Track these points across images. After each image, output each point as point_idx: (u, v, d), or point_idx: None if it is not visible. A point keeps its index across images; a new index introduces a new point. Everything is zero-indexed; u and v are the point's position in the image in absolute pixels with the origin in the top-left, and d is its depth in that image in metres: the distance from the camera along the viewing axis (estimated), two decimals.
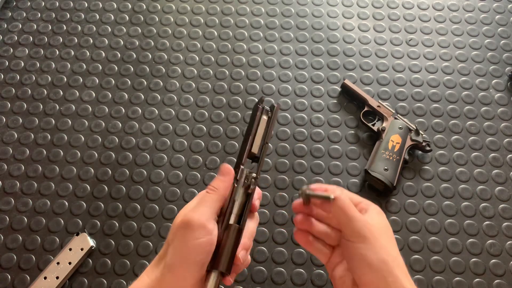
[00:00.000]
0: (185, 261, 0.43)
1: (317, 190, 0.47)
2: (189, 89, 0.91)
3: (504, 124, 0.87)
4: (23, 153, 0.85)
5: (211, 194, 0.46)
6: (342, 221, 0.45)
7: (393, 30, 0.98)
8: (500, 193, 0.81)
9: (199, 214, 0.44)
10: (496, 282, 0.73)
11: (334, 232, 0.47)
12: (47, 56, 0.95)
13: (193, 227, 0.43)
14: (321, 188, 0.48)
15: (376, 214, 0.47)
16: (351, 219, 0.44)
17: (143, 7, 1.01)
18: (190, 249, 0.43)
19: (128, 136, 0.86)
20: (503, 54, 0.94)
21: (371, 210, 0.47)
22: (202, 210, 0.44)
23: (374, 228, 0.45)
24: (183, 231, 0.43)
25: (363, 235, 0.44)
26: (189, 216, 0.44)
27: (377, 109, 0.86)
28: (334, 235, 0.47)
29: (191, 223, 0.43)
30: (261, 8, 1.01)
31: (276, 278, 0.74)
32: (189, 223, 0.43)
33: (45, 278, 0.73)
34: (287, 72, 0.93)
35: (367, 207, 0.48)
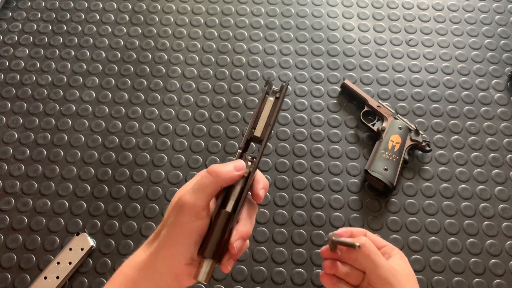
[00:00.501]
0: (176, 241, 0.44)
1: (343, 234, 0.50)
2: (189, 89, 0.91)
3: (504, 124, 0.87)
4: (23, 153, 0.85)
5: (212, 179, 0.44)
6: (367, 267, 0.47)
7: (393, 30, 0.98)
8: (500, 193, 0.81)
9: (195, 198, 0.44)
10: (495, 282, 0.73)
11: (357, 273, 0.49)
12: (47, 56, 0.95)
13: (187, 210, 0.43)
14: (347, 232, 0.50)
15: (399, 259, 0.49)
16: (376, 266, 0.46)
17: (143, 7, 1.01)
18: (182, 231, 0.43)
19: (128, 136, 0.86)
20: (502, 54, 0.95)
21: (395, 255, 0.49)
22: (198, 194, 0.44)
23: (399, 274, 0.46)
24: (176, 212, 0.44)
25: (389, 282, 0.46)
26: (185, 198, 0.44)
27: (377, 109, 0.86)
28: (357, 276, 0.49)
29: (185, 206, 0.43)
30: (261, 8, 1.01)
31: (276, 278, 0.74)
32: (183, 205, 0.43)
33: (45, 278, 0.73)
34: (287, 72, 0.93)
35: (391, 252, 0.50)
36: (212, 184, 0.44)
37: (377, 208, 0.80)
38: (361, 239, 0.47)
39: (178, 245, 0.44)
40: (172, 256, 0.44)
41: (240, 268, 0.75)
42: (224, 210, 0.45)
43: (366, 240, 0.47)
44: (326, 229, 0.78)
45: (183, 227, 0.43)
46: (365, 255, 0.46)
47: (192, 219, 0.43)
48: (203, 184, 0.44)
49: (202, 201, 0.44)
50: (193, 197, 0.44)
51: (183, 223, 0.43)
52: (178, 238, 0.44)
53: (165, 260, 0.44)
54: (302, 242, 0.77)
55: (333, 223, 0.78)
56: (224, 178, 0.45)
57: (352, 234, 0.50)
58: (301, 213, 0.79)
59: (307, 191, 0.81)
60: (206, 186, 0.44)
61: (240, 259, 0.75)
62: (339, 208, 0.79)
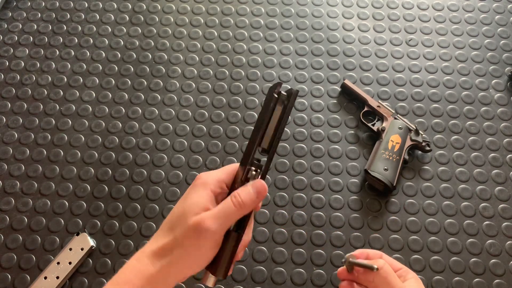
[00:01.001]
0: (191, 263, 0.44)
1: (359, 256, 0.51)
2: (189, 89, 0.91)
3: (504, 124, 0.87)
4: (23, 153, 0.85)
5: (236, 209, 0.44)
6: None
7: (393, 30, 0.98)
8: (500, 193, 0.81)
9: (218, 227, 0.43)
10: (495, 282, 0.73)
11: None
12: (47, 56, 0.95)
13: (209, 237, 0.43)
14: (363, 254, 0.52)
15: (414, 282, 0.50)
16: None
17: (143, 7, 1.01)
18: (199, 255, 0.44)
19: (128, 136, 0.86)
20: (502, 54, 0.95)
21: (410, 279, 0.51)
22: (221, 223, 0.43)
23: None
24: (197, 237, 0.43)
25: None
26: (207, 225, 0.43)
27: (377, 109, 0.86)
28: None
29: (208, 232, 0.43)
30: (261, 8, 1.01)
31: (276, 278, 0.74)
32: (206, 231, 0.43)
33: (45, 278, 0.73)
34: (287, 72, 0.93)
35: (406, 275, 0.51)
36: (236, 215, 0.44)
37: (377, 208, 0.80)
38: (379, 261, 0.48)
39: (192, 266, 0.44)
40: (184, 274, 0.45)
41: (240, 268, 0.75)
42: (234, 233, 0.45)
43: (384, 263, 0.48)
44: (326, 229, 0.78)
45: (200, 251, 0.43)
46: (382, 277, 0.48)
47: (212, 245, 0.44)
48: (228, 214, 0.44)
49: (223, 230, 0.44)
50: (216, 225, 0.43)
51: (201, 247, 0.43)
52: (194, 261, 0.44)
53: (176, 276, 0.44)
54: (302, 242, 0.77)
55: (333, 223, 0.78)
56: (249, 209, 0.45)
57: (368, 256, 0.51)
58: (301, 213, 0.79)
59: (307, 191, 0.81)
60: (231, 216, 0.44)
61: (240, 259, 0.75)
62: (339, 208, 0.79)
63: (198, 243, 0.43)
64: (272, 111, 0.46)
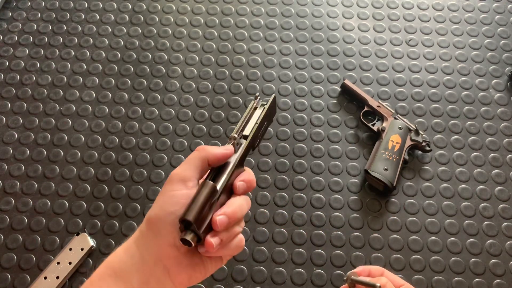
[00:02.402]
0: (160, 211, 0.43)
1: (361, 273, 0.51)
2: (189, 89, 0.91)
3: (504, 124, 0.87)
4: (23, 153, 0.85)
5: (198, 153, 0.46)
6: None
7: (393, 30, 0.98)
8: (500, 193, 0.81)
9: (182, 169, 0.45)
10: (495, 282, 0.73)
11: None
12: (47, 56, 0.95)
13: (172, 181, 0.44)
14: (365, 271, 0.51)
15: None
16: None
17: (143, 7, 1.01)
18: (165, 200, 0.43)
19: (128, 136, 0.86)
20: (502, 54, 0.95)
21: None
22: (184, 166, 0.45)
23: None
24: (164, 186, 0.44)
25: None
26: (174, 171, 0.45)
27: (377, 109, 0.86)
28: None
29: (171, 177, 0.44)
30: (261, 8, 1.01)
31: (276, 278, 0.74)
32: (170, 178, 0.44)
33: (45, 278, 0.73)
34: (287, 72, 0.93)
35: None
36: (198, 157, 0.45)
37: (377, 208, 0.80)
38: (381, 279, 0.48)
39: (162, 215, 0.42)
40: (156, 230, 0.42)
41: (240, 268, 0.75)
42: (208, 181, 0.44)
43: (386, 281, 0.47)
44: (326, 229, 0.78)
45: (167, 195, 0.43)
46: None
47: (177, 187, 0.43)
48: (190, 157, 0.46)
49: (189, 171, 0.44)
50: (181, 168, 0.45)
51: (167, 192, 0.43)
52: (162, 206, 0.43)
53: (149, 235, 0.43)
54: (302, 242, 0.77)
55: (333, 223, 0.78)
56: (210, 152, 0.46)
57: (370, 273, 0.51)
58: (301, 213, 0.79)
59: (307, 191, 0.81)
60: (193, 158, 0.45)
61: (240, 259, 0.75)
62: (339, 208, 0.79)
63: (163, 191, 0.44)
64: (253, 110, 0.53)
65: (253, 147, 0.52)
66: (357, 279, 0.49)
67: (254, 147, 0.53)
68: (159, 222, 0.42)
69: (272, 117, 0.56)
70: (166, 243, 0.42)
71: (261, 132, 0.53)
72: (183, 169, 0.45)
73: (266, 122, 0.54)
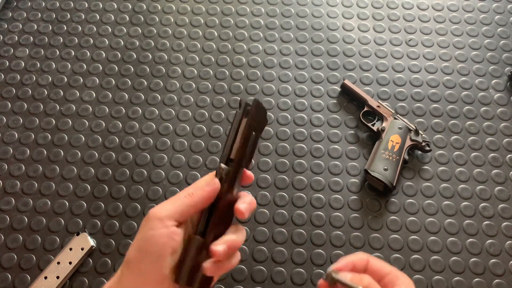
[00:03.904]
0: (139, 253, 0.42)
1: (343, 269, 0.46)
2: (189, 89, 0.91)
3: (503, 124, 0.87)
4: (23, 153, 0.85)
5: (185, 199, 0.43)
6: None
7: (393, 31, 0.98)
8: (500, 193, 0.81)
9: (160, 208, 0.43)
10: (495, 282, 0.73)
11: None
12: (47, 56, 0.95)
13: (150, 219, 0.42)
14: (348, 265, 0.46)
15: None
16: None
17: (143, 7, 1.01)
18: (144, 240, 0.42)
19: (128, 136, 0.86)
20: (502, 55, 0.95)
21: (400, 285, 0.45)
22: (165, 205, 0.43)
23: None
24: (142, 224, 0.43)
25: None
26: (151, 210, 0.43)
27: (377, 109, 0.86)
28: None
29: (149, 216, 0.42)
30: (261, 9, 1.01)
31: (276, 278, 0.74)
32: (148, 216, 0.43)
33: (46, 278, 0.73)
34: (287, 72, 0.93)
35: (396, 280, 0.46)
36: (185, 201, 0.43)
37: (377, 208, 0.80)
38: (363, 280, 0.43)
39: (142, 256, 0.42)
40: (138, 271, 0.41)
41: (240, 268, 0.75)
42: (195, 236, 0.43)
43: (369, 282, 0.43)
44: (326, 229, 0.78)
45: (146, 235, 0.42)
46: None
47: (156, 226, 0.42)
48: (175, 199, 0.44)
49: (170, 212, 0.42)
50: (160, 207, 0.43)
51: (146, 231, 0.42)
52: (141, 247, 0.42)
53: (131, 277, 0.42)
54: (302, 242, 0.77)
55: (333, 223, 0.78)
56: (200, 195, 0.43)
57: (354, 267, 0.46)
58: (301, 213, 0.79)
59: (307, 191, 0.81)
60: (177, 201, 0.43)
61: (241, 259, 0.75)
62: (339, 208, 0.80)
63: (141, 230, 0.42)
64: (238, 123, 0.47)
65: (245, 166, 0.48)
66: (338, 278, 0.44)
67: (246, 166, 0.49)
68: (140, 263, 0.41)
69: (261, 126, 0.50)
70: (151, 282, 0.41)
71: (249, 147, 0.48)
72: (161, 207, 0.43)
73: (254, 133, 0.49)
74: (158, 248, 0.41)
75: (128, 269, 0.42)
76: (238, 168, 0.47)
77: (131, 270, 0.42)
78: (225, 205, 0.46)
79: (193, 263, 0.43)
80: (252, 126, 0.48)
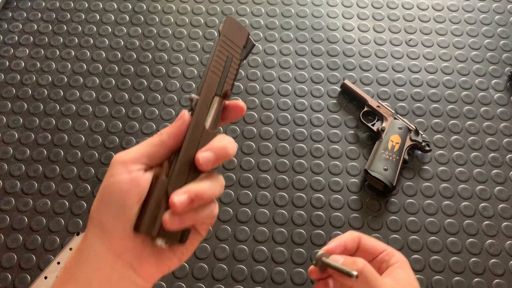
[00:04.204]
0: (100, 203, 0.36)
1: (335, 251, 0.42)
2: (190, 89, 0.91)
3: (503, 124, 0.87)
4: (23, 153, 0.85)
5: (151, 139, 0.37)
6: None
7: (393, 31, 0.98)
8: (500, 193, 0.81)
9: (124, 153, 0.36)
10: (495, 282, 0.73)
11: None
12: (47, 56, 0.95)
13: (113, 164, 0.36)
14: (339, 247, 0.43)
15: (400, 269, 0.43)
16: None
17: (143, 7, 1.01)
18: (104, 190, 0.36)
19: (128, 136, 0.86)
20: (502, 55, 0.95)
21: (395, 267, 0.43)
22: (130, 149, 0.37)
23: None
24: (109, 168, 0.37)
25: None
26: (115, 155, 0.37)
27: (377, 109, 0.86)
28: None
29: (112, 161, 0.36)
30: (261, 9, 1.01)
31: (276, 277, 0.74)
32: (111, 162, 0.36)
33: (46, 278, 0.73)
34: (287, 72, 0.93)
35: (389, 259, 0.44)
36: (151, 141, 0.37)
37: (377, 208, 0.80)
38: (358, 263, 0.40)
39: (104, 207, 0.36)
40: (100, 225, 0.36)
41: (240, 268, 0.75)
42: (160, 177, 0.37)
43: (363, 265, 0.40)
44: (326, 229, 0.78)
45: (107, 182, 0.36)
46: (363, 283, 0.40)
47: (118, 171, 0.35)
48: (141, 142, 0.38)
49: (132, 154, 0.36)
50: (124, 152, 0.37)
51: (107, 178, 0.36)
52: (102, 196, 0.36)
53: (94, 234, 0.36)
54: (302, 242, 0.77)
55: (333, 223, 0.78)
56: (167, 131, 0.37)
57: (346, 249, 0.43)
58: (301, 213, 0.79)
59: (307, 191, 0.81)
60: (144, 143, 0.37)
61: (240, 259, 0.75)
62: (339, 208, 0.80)
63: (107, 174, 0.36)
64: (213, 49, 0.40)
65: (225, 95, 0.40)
66: (328, 262, 0.41)
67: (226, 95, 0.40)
68: (101, 216, 0.36)
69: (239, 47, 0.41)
70: (116, 237, 0.35)
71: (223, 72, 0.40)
72: (127, 152, 0.37)
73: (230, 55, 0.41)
74: (120, 196, 0.35)
75: (92, 224, 0.36)
76: (211, 97, 0.39)
77: (94, 226, 0.36)
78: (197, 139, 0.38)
79: (155, 208, 0.36)
80: (226, 47, 0.41)
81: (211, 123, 0.39)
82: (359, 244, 0.44)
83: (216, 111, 0.39)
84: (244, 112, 0.41)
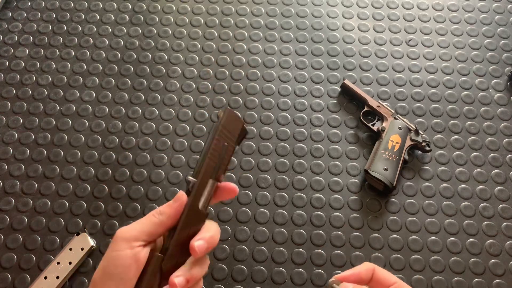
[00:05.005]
0: (104, 274, 0.42)
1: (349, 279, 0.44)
2: (189, 89, 0.91)
3: (503, 124, 0.87)
4: (23, 153, 0.85)
5: (153, 217, 0.43)
6: None
7: (393, 31, 0.98)
8: (500, 193, 0.81)
9: (127, 228, 0.42)
10: (495, 282, 0.73)
11: None
12: (47, 56, 0.95)
13: (116, 240, 0.42)
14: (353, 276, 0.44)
15: None
16: None
17: (143, 7, 1.01)
18: (109, 262, 0.42)
19: (128, 136, 0.86)
20: (502, 54, 0.95)
21: None
22: (132, 226, 0.43)
23: None
24: (110, 245, 0.42)
25: None
26: (118, 230, 0.43)
27: (377, 109, 0.86)
28: None
29: (116, 236, 0.42)
30: (261, 9, 1.01)
31: (276, 278, 0.74)
32: (115, 237, 0.42)
33: (46, 278, 0.73)
34: (287, 72, 0.93)
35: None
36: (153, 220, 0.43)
37: (377, 208, 0.80)
38: None
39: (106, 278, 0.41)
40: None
41: (240, 268, 0.75)
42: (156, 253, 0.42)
43: None
44: (326, 229, 0.78)
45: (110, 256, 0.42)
46: None
47: (121, 247, 0.41)
48: (143, 220, 0.43)
49: (134, 232, 0.42)
50: (127, 228, 0.43)
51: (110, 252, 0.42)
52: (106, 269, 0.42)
53: None
54: (302, 242, 0.77)
55: (333, 223, 0.78)
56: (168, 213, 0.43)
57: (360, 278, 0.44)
58: (301, 213, 0.79)
59: (307, 191, 0.81)
60: (145, 221, 0.43)
61: (240, 259, 0.75)
62: (339, 208, 0.80)
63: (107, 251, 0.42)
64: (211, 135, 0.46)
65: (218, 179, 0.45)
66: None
67: (219, 179, 0.45)
68: (104, 285, 0.41)
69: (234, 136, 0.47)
70: None
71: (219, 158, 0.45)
72: (130, 229, 0.43)
73: (226, 144, 0.46)
74: (122, 270, 0.41)
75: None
76: (206, 180, 0.44)
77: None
78: (190, 220, 0.43)
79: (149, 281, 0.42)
80: (223, 136, 0.45)
81: (203, 203, 0.44)
82: (372, 275, 0.46)
83: (208, 193, 0.44)
84: (237, 193, 0.47)
